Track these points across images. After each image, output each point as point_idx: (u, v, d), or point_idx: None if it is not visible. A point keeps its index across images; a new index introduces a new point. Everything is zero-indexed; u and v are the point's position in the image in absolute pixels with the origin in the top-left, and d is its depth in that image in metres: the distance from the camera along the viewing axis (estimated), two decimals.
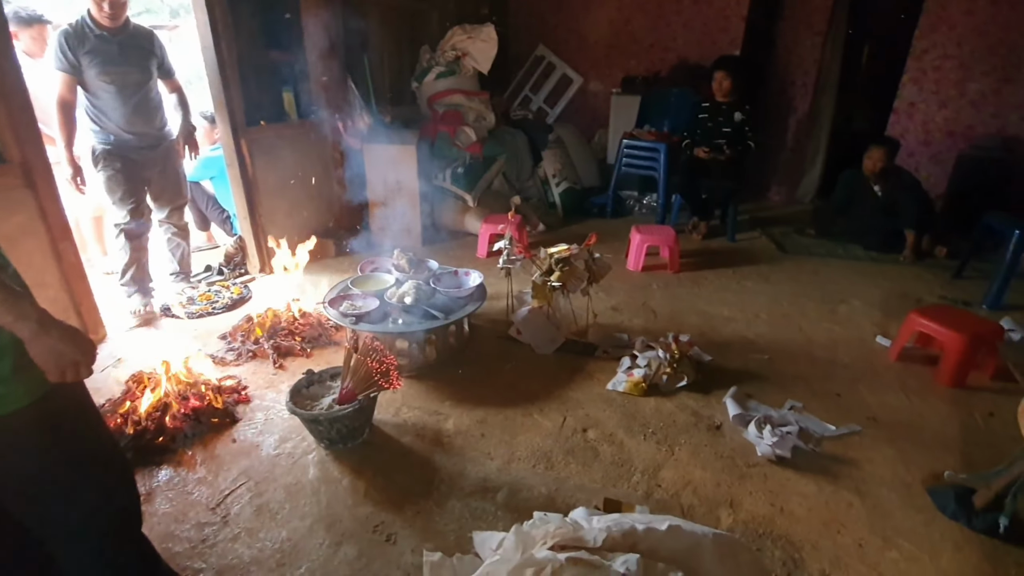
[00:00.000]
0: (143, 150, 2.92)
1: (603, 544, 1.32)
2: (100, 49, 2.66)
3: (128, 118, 2.81)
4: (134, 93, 2.81)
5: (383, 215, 4.20)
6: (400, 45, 4.79)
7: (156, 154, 2.98)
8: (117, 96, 2.76)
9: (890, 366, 2.66)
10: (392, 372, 1.97)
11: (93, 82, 2.70)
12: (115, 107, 2.77)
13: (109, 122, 2.79)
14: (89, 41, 2.64)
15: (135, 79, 2.80)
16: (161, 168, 3.02)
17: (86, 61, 2.65)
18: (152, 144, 2.95)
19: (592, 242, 2.60)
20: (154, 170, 3.00)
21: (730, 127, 4.25)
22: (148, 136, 2.92)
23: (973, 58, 4.42)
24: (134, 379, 2.22)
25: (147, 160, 2.95)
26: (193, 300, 3.22)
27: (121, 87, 2.76)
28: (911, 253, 3.97)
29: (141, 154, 2.92)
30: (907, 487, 1.89)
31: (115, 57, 2.71)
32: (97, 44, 2.66)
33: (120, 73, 2.74)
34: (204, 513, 1.75)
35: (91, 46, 2.64)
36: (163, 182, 3.07)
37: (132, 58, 2.78)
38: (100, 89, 2.73)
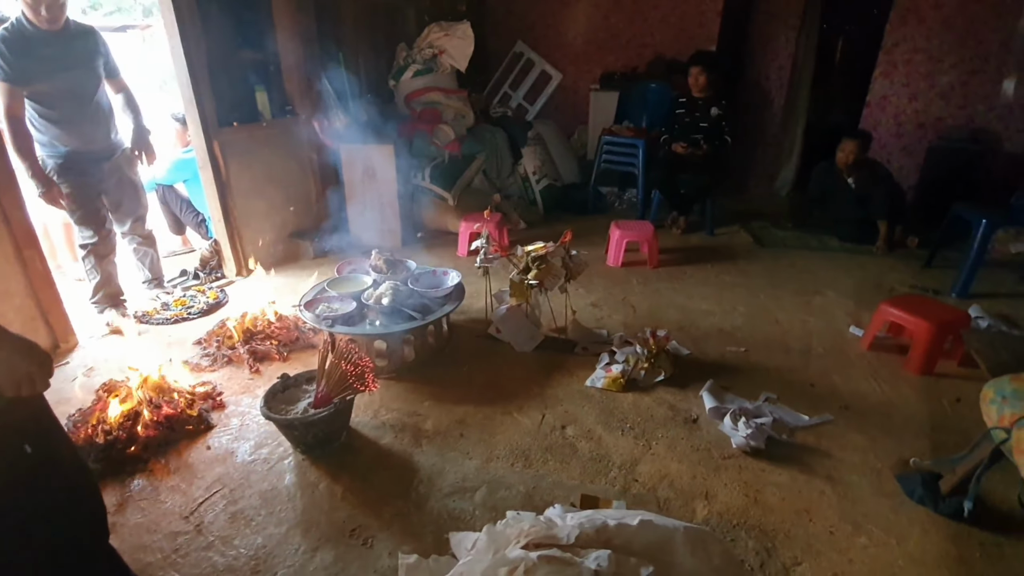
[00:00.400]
0: (98, 162, 2.77)
1: (576, 541, 1.33)
2: (45, 54, 2.45)
3: (81, 128, 2.64)
4: (86, 100, 2.65)
5: (362, 215, 4.17)
6: (376, 43, 4.74)
7: (111, 165, 2.83)
8: (69, 105, 2.58)
9: (862, 355, 2.71)
10: (367, 374, 1.96)
11: (40, 91, 2.49)
12: (66, 117, 2.58)
13: (61, 133, 2.60)
14: (31, 45, 2.41)
15: (86, 84, 2.63)
16: (117, 179, 2.89)
17: (32, 69, 2.42)
18: (106, 155, 2.81)
19: (568, 239, 2.61)
20: (110, 182, 2.85)
21: (707, 122, 4.28)
22: (102, 147, 2.77)
23: (942, 51, 4.50)
24: (105, 388, 2.18)
25: (102, 172, 2.80)
26: (168, 306, 3.17)
27: (72, 94, 2.58)
28: (884, 244, 4.04)
29: (96, 167, 2.76)
30: (877, 474, 1.93)
31: (63, 62, 2.51)
32: (40, 49, 2.43)
33: (70, 79, 2.56)
34: (177, 522, 1.73)
35: (34, 51, 2.42)
36: (120, 194, 2.94)
37: (80, 61, 2.59)
38: (48, 98, 2.53)
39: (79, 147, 2.66)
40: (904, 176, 4.77)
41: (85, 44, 2.63)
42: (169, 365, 2.43)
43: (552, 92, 6.05)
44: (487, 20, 6.12)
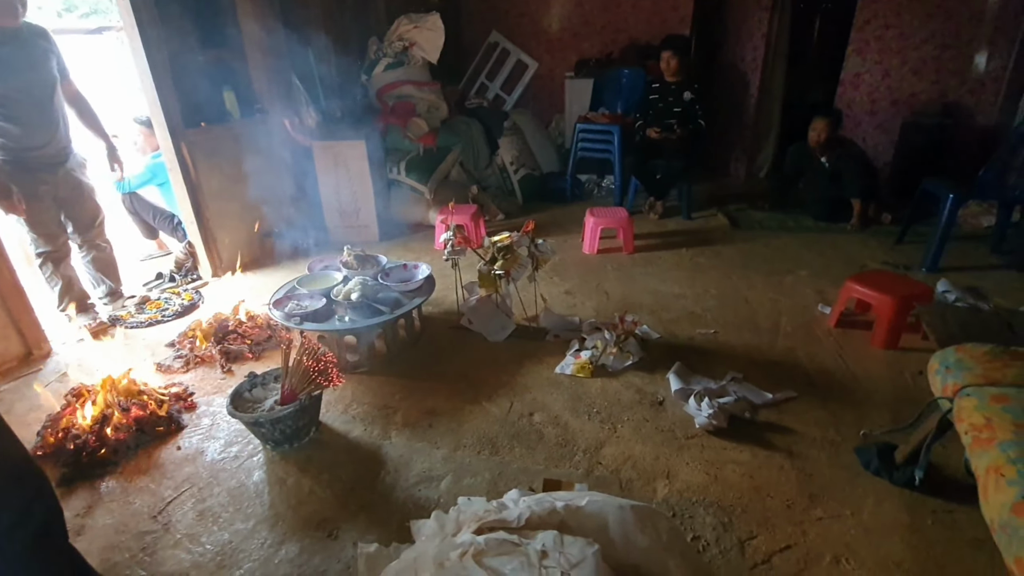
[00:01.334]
0: (52, 167, 2.68)
1: (525, 524, 1.36)
2: (2, 55, 2.37)
3: (34, 132, 2.55)
4: (42, 102, 2.57)
5: (338, 212, 4.17)
6: (347, 37, 4.72)
7: (66, 170, 2.75)
8: (23, 108, 2.50)
9: (829, 332, 2.74)
10: (331, 370, 1.98)
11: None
12: (21, 118, 2.50)
13: (16, 135, 2.51)
14: None
15: (42, 86, 2.55)
16: (71, 185, 2.79)
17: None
18: (61, 160, 2.72)
19: (530, 228, 2.63)
20: (66, 188, 2.76)
21: (680, 107, 4.29)
22: (56, 151, 2.68)
23: (912, 26, 4.51)
24: (73, 393, 2.19)
25: (56, 178, 2.70)
26: (143, 309, 3.18)
27: (30, 96, 2.51)
28: (857, 221, 4.07)
29: (50, 172, 2.67)
30: (835, 447, 1.97)
31: (20, 62, 2.44)
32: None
33: (29, 80, 2.49)
34: (145, 522, 1.76)
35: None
36: (76, 203, 2.84)
37: (36, 62, 2.50)
38: (5, 99, 2.44)
39: (30, 151, 2.58)
40: (879, 153, 4.79)
41: (39, 45, 2.56)
42: (140, 368, 2.44)
43: (528, 81, 6.03)
44: (461, 11, 6.10)
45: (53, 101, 2.63)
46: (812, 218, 4.30)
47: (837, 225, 4.15)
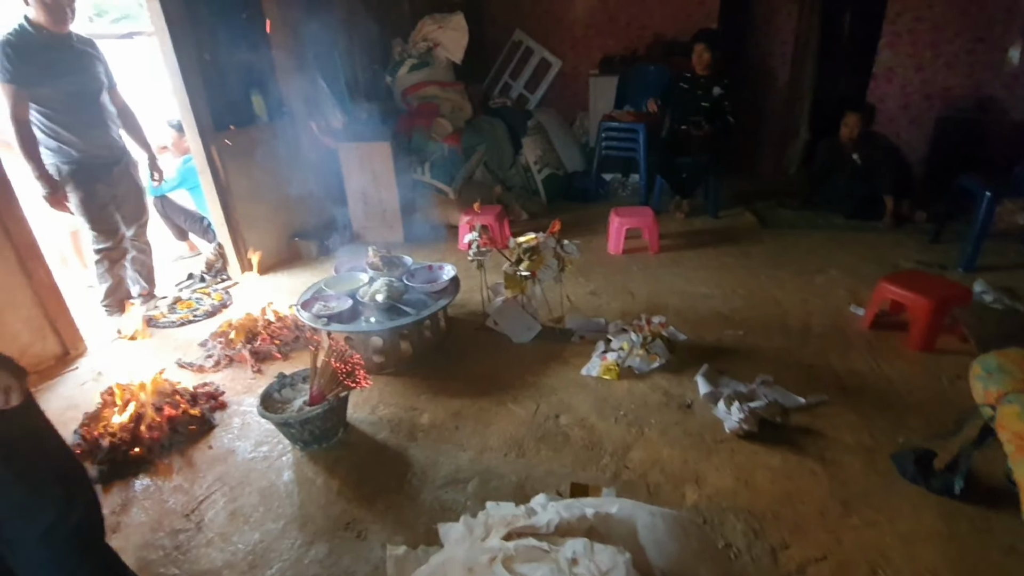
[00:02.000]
0: (108, 167, 2.82)
1: (555, 530, 1.35)
2: (52, 58, 2.49)
3: (91, 132, 2.70)
4: (92, 103, 2.70)
5: (363, 213, 4.21)
6: (371, 39, 4.75)
7: (120, 170, 2.89)
8: (78, 109, 2.63)
9: (862, 334, 2.67)
10: (358, 371, 2.00)
11: (49, 94, 2.53)
12: (74, 121, 2.62)
13: (71, 138, 2.63)
14: (37, 49, 2.45)
15: (93, 88, 2.68)
16: (126, 185, 2.94)
17: (38, 71, 2.46)
18: (115, 160, 2.86)
19: (556, 229, 2.61)
20: (119, 187, 2.90)
21: (708, 102, 4.21)
22: (111, 151, 2.82)
23: (945, 19, 4.37)
24: (109, 392, 2.25)
25: (112, 178, 2.84)
26: (174, 309, 3.25)
27: (81, 98, 2.64)
28: (890, 219, 3.96)
29: (107, 172, 2.81)
30: (871, 453, 1.92)
31: (70, 66, 2.57)
32: (47, 53, 2.48)
33: (78, 82, 2.61)
34: (179, 520, 1.80)
35: (41, 54, 2.46)
36: (128, 199, 2.99)
37: (86, 65, 2.64)
38: (55, 102, 2.56)
39: (90, 152, 2.71)
40: (913, 149, 4.65)
41: (88, 51, 2.69)
42: (173, 367, 2.50)
43: (552, 79, 6.00)
44: (484, 10, 6.08)
45: (100, 104, 2.75)
46: (843, 216, 4.19)
47: (869, 223, 4.04)
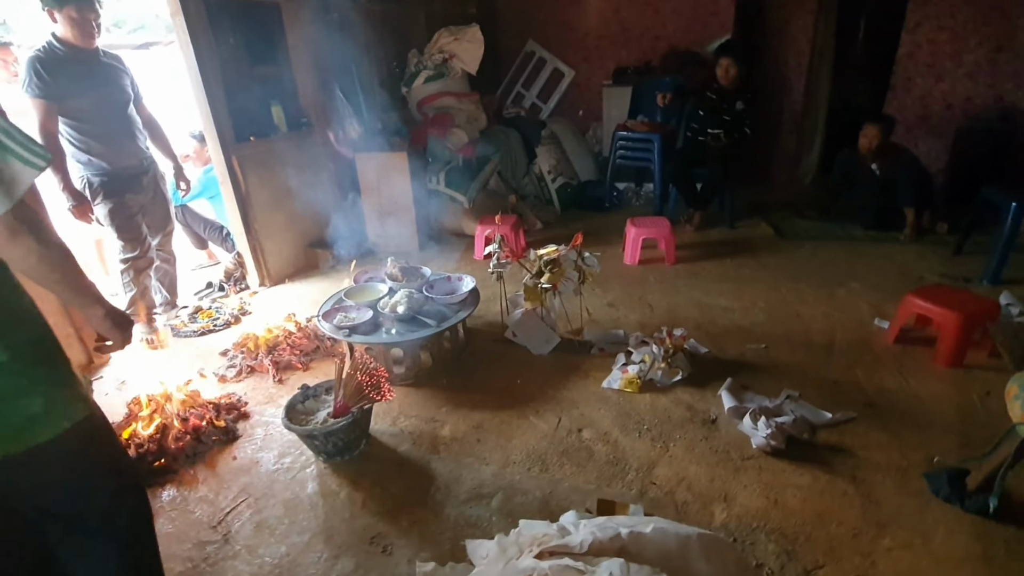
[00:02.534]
0: (137, 178, 2.87)
1: (589, 549, 1.34)
2: (80, 72, 2.57)
3: (119, 144, 2.75)
4: (120, 115, 2.75)
5: (379, 222, 4.23)
6: (388, 51, 4.79)
7: (148, 180, 2.94)
8: (106, 121, 2.69)
9: (888, 349, 2.64)
10: (383, 384, 2.00)
11: (77, 108, 2.59)
12: (102, 132, 2.68)
13: (100, 150, 2.69)
14: (65, 64, 2.52)
15: (120, 101, 2.74)
16: (152, 195, 2.99)
17: (67, 86, 2.53)
18: (143, 171, 2.91)
19: (579, 242, 2.61)
20: (146, 197, 2.95)
21: (730, 116, 4.18)
22: (138, 162, 2.87)
23: (967, 28, 4.34)
24: (135, 402, 2.26)
25: (139, 188, 2.90)
26: (195, 318, 3.27)
27: (109, 111, 2.69)
28: (911, 231, 3.92)
29: (135, 182, 2.87)
30: (902, 472, 1.89)
31: (98, 79, 2.63)
32: (75, 67, 2.55)
33: (106, 96, 2.67)
34: (205, 532, 1.80)
35: (69, 69, 2.53)
36: (155, 209, 3.04)
37: (113, 79, 2.70)
38: (84, 113, 2.62)
39: (118, 163, 2.77)
40: (933, 160, 4.61)
41: (114, 65, 2.75)
42: (196, 377, 2.51)
43: (565, 90, 6.02)
44: (497, 21, 6.12)
45: (129, 115, 2.80)
46: (862, 227, 4.15)
47: (889, 235, 4.00)
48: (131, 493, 1.25)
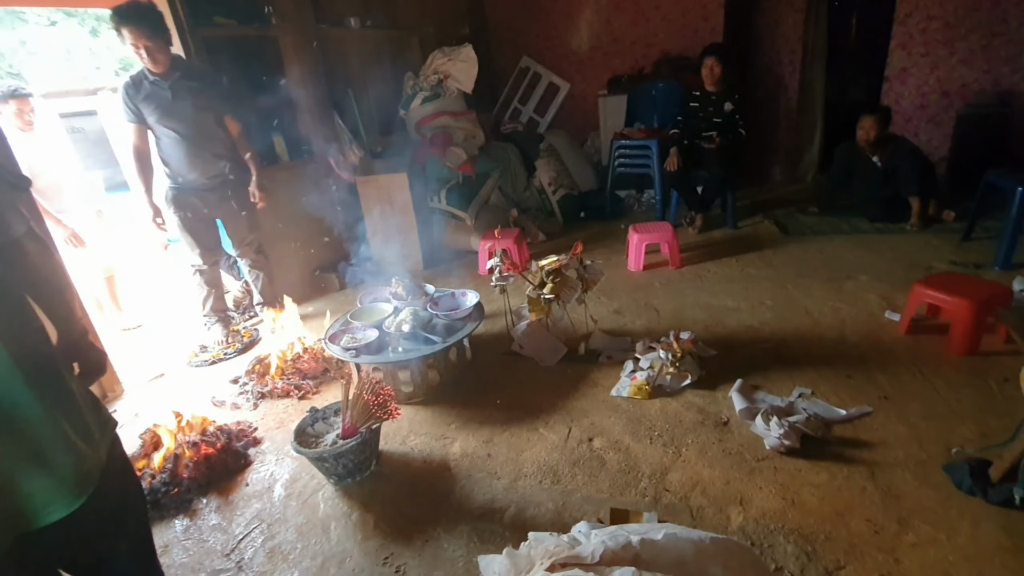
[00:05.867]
0: (207, 192, 3.03)
1: (600, 559, 1.32)
2: (155, 96, 2.79)
3: (188, 160, 2.92)
4: (190, 136, 2.89)
5: (383, 243, 4.26)
6: (384, 75, 4.87)
7: (221, 194, 3.08)
8: (175, 140, 2.88)
9: (900, 340, 2.60)
10: (390, 403, 2.00)
11: (155, 128, 2.86)
12: (174, 151, 2.90)
13: (174, 164, 2.92)
14: (144, 89, 2.77)
15: (189, 122, 2.88)
16: (228, 208, 3.14)
17: (145, 109, 2.80)
18: (214, 186, 3.05)
19: (579, 251, 2.61)
20: (222, 209, 3.12)
21: (720, 117, 4.21)
22: (207, 178, 3.01)
23: (957, 16, 4.33)
24: (149, 434, 2.28)
25: (212, 201, 3.06)
26: (207, 348, 3.30)
27: (177, 131, 2.86)
28: (918, 220, 3.88)
29: (206, 196, 3.04)
30: (922, 465, 1.85)
31: (168, 102, 2.81)
32: (152, 91, 2.78)
33: (174, 117, 2.84)
34: (219, 560, 1.80)
35: (146, 94, 2.78)
36: (233, 221, 3.20)
37: (185, 101, 2.85)
38: (161, 134, 2.87)
39: (187, 177, 2.97)
40: (934, 148, 4.58)
41: (193, 87, 2.87)
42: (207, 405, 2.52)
43: (561, 102, 6.07)
44: (491, 40, 6.21)
45: (203, 134, 2.93)
46: (867, 220, 4.12)
47: (895, 226, 3.97)
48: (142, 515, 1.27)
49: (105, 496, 1.06)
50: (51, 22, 12.07)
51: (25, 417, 0.93)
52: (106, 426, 1.12)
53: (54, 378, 1.01)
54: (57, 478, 0.97)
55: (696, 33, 5.32)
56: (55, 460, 0.97)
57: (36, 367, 0.96)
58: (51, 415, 0.96)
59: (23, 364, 0.93)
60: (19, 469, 0.93)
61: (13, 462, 0.93)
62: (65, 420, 0.99)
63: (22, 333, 0.96)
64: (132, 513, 1.24)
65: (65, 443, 0.98)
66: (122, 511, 1.18)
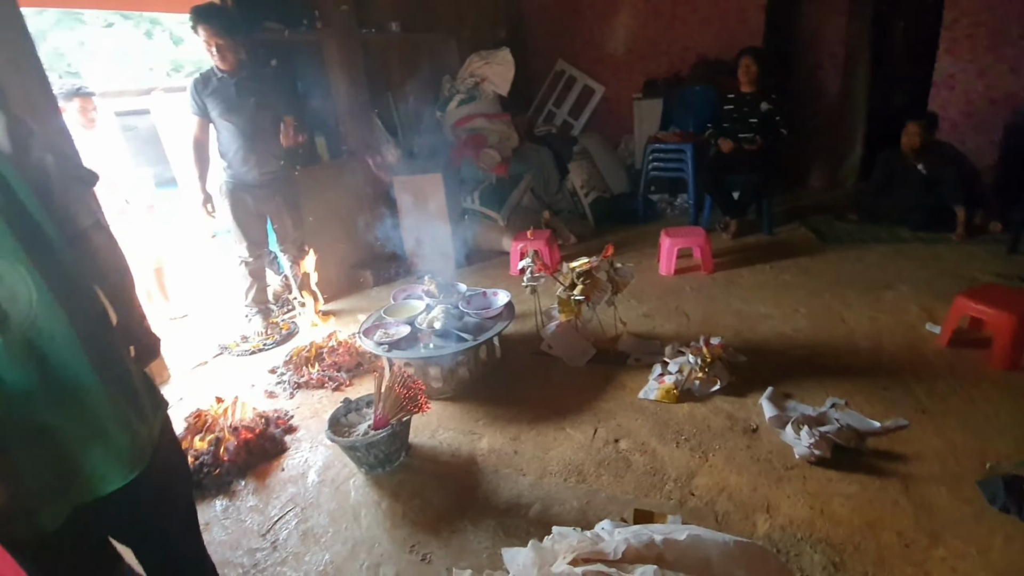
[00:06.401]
0: (259, 188, 3.18)
1: (623, 556, 1.34)
2: (220, 92, 2.97)
3: (244, 155, 3.08)
4: (248, 131, 3.05)
5: (417, 242, 4.34)
6: (421, 77, 4.97)
7: (270, 190, 3.23)
8: (234, 134, 3.04)
9: (940, 353, 2.53)
10: (420, 396, 2.05)
11: (216, 122, 3.04)
12: (232, 144, 3.06)
13: (231, 158, 3.09)
14: (212, 85, 2.96)
15: (249, 118, 3.04)
16: (277, 205, 3.29)
17: (210, 103, 2.98)
18: (265, 183, 3.20)
19: (610, 253, 2.63)
20: (270, 206, 3.28)
21: (757, 118, 4.17)
22: (262, 172, 3.15)
23: (1005, 22, 4.17)
24: (194, 416, 2.40)
25: (262, 197, 3.22)
26: (247, 338, 3.44)
27: (237, 126, 3.03)
28: (963, 231, 3.76)
29: (258, 192, 3.19)
30: (956, 480, 1.80)
31: (232, 98, 2.99)
32: (218, 87, 2.96)
33: (236, 113, 3.01)
34: (255, 540, 1.88)
35: (213, 89, 2.96)
36: (280, 219, 3.35)
37: (248, 98, 3.02)
38: (222, 128, 3.05)
39: (241, 171, 3.13)
40: (981, 156, 4.41)
41: (258, 86, 3.06)
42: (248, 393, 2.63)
43: (596, 105, 6.08)
44: (528, 43, 6.27)
45: (256, 132, 3.09)
46: (909, 229, 4.00)
47: (939, 235, 3.85)
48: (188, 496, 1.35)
49: (156, 472, 1.14)
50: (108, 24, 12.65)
51: (88, 395, 1.00)
52: (158, 407, 1.20)
53: (114, 360, 1.08)
54: (114, 452, 1.04)
55: (734, 37, 5.25)
56: (113, 435, 1.04)
57: (99, 349, 1.04)
58: (111, 394, 1.04)
59: (88, 346, 1.00)
60: (81, 443, 1.01)
61: (76, 436, 1.00)
62: (123, 399, 1.07)
63: (88, 317, 1.04)
64: (179, 489, 1.32)
65: (122, 420, 1.06)
66: (171, 487, 1.26)
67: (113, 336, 1.12)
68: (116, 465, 1.05)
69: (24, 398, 0.94)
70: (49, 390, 0.96)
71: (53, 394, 0.97)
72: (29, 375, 0.95)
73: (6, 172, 0.93)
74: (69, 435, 0.99)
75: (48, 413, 0.96)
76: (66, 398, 0.99)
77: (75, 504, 1.02)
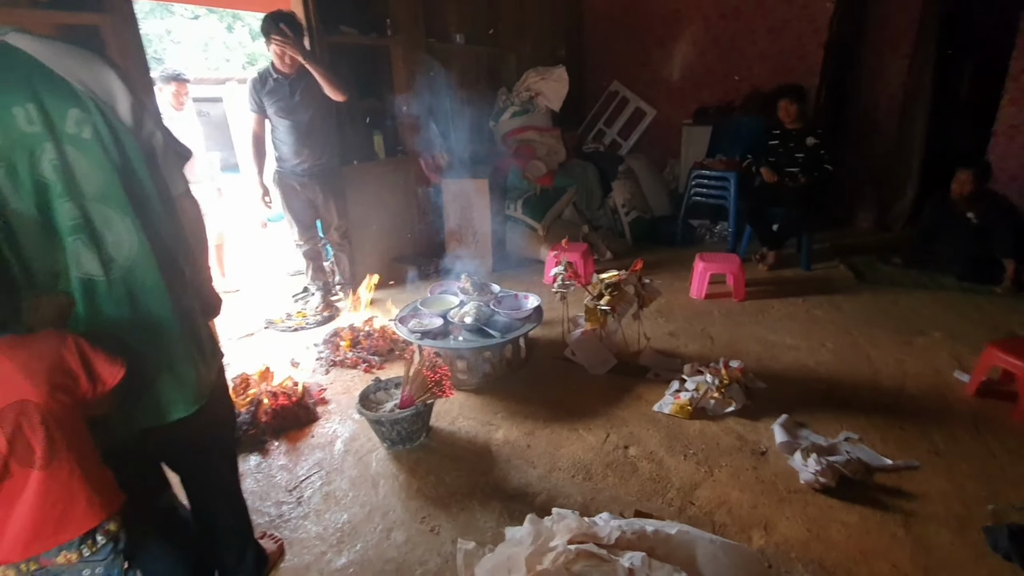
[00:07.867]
0: (306, 177, 3.44)
1: (616, 542, 1.44)
2: (277, 91, 3.24)
3: (296, 149, 3.34)
4: (301, 128, 3.32)
5: (458, 242, 4.53)
6: (479, 87, 5.19)
7: (317, 181, 3.48)
8: (288, 130, 3.31)
9: (965, 401, 2.51)
10: (445, 381, 2.20)
11: (272, 118, 3.32)
12: (286, 139, 3.33)
13: (284, 150, 3.36)
14: (268, 85, 3.24)
15: (303, 117, 3.31)
16: (322, 194, 3.53)
17: (267, 101, 3.26)
18: (313, 173, 3.45)
19: (638, 268, 2.72)
20: (316, 194, 3.52)
21: (802, 152, 4.18)
22: (311, 165, 3.41)
23: None
24: (239, 379, 2.61)
25: (309, 185, 3.47)
26: (291, 316, 3.67)
27: (291, 123, 3.30)
28: (1010, 283, 3.67)
29: (304, 180, 3.45)
30: (960, 522, 1.82)
31: (287, 98, 3.26)
32: (275, 87, 3.24)
33: (290, 111, 3.28)
34: (282, 494, 2.06)
35: (270, 88, 3.24)
36: (325, 207, 3.60)
37: (303, 99, 3.28)
38: (278, 124, 3.32)
39: (291, 163, 3.40)
40: None
41: (312, 87, 3.27)
42: (288, 365, 2.83)
43: (646, 127, 6.17)
44: (585, 62, 6.43)
45: (308, 129, 3.35)
46: (955, 277, 3.93)
47: (983, 287, 3.76)
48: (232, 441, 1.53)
49: (211, 410, 1.32)
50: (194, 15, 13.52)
51: (167, 334, 1.19)
52: (216, 354, 1.39)
53: (187, 310, 1.26)
54: (182, 385, 1.23)
55: (792, 72, 5.27)
56: (183, 370, 1.22)
57: (179, 299, 1.22)
58: (184, 336, 1.22)
59: (172, 294, 1.19)
60: (159, 373, 1.19)
61: (155, 367, 1.19)
62: (192, 342, 1.25)
63: (172, 271, 1.23)
64: (226, 431, 1.51)
65: (191, 359, 1.24)
66: (220, 426, 1.45)
67: (188, 290, 1.31)
68: (183, 396, 1.23)
69: (117, 330, 1.13)
70: (136, 326, 1.15)
71: (139, 329, 1.15)
72: (122, 312, 1.13)
73: (126, 141, 1.12)
74: (150, 364, 1.18)
75: (135, 343, 1.15)
76: (150, 335, 1.17)
77: (146, 426, 1.21)
